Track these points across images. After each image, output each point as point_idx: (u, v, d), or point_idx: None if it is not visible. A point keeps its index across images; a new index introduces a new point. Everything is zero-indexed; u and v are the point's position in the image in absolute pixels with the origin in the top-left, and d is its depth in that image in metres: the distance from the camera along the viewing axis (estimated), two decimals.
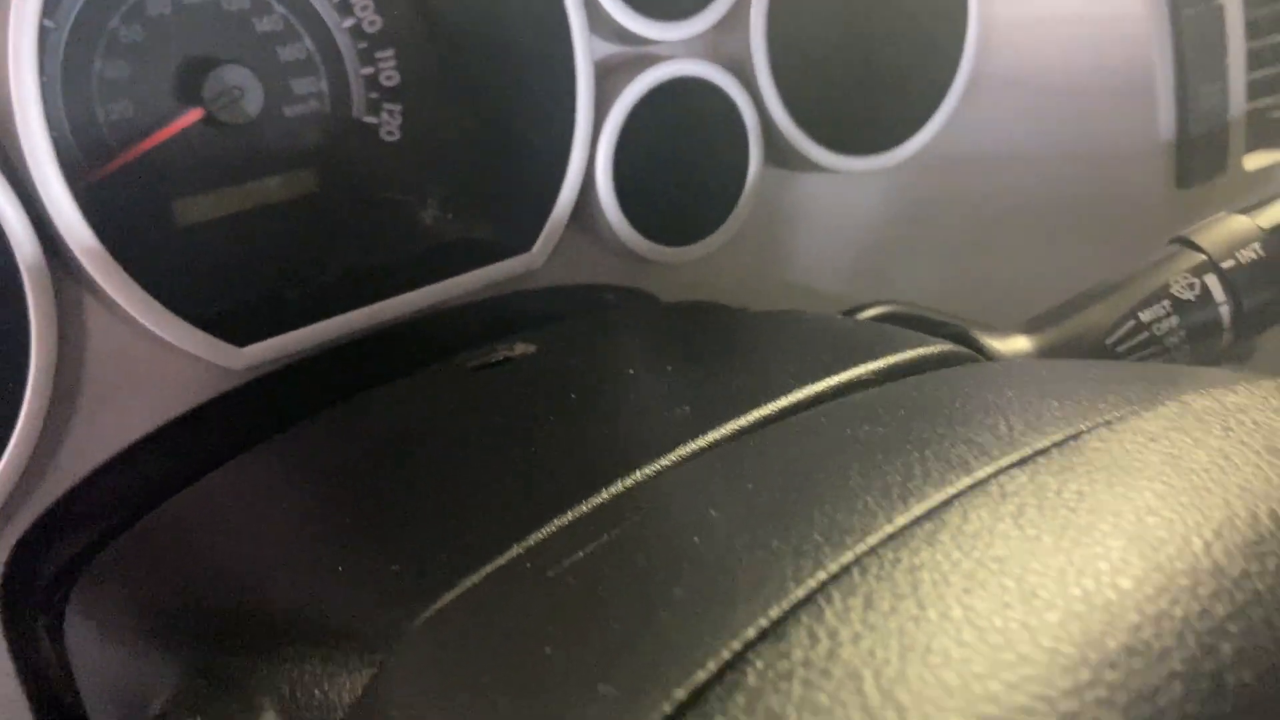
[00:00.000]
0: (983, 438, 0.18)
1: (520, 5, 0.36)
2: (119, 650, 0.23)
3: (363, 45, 0.40)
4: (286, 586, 0.21)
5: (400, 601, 0.19)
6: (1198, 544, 0.14)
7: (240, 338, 0.29)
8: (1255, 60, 0.50)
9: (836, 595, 0.15)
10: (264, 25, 0.38)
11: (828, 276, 0.45)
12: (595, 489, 0.21)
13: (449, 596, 0.19)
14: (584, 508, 0.20)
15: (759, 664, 0.14)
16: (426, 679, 0.17)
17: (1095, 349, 0.30)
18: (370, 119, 0.40)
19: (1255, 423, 0.17)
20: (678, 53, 0.38)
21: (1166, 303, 0.30)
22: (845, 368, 0.24)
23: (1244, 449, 0.16)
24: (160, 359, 0.30)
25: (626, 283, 0.41)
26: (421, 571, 0.20)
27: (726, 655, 0.14)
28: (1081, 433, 0.17)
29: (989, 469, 0.17)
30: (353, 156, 0.39)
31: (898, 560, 0.15)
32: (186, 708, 0.19)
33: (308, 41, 0.39)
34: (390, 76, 0.41)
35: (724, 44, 0.38)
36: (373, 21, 0.40)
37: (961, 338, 0.30)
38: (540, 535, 0.20)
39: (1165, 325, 0.30)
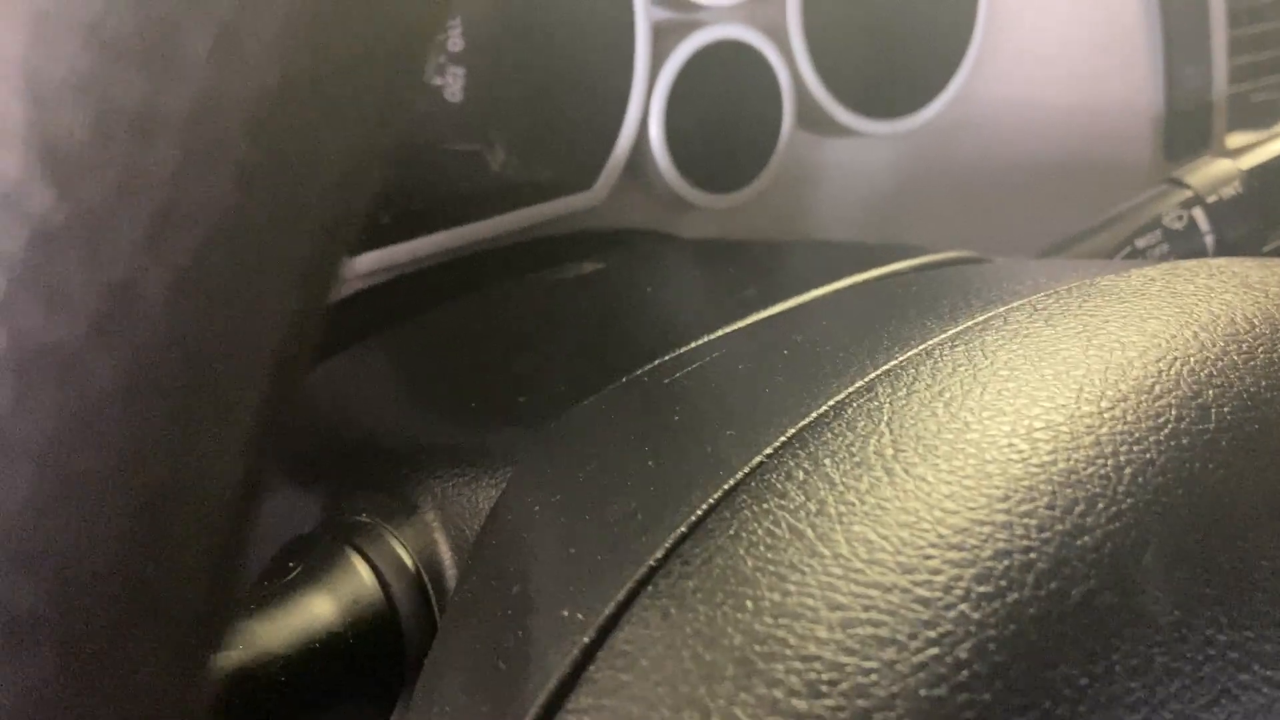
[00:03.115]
0: (1015, 286, 0.22)
1: None
2: (270, 497, 0.27)
3: None
4: (428, 422, 0.25)
5: (526, 422, 0.23)
6: (1188, 333, 0.18)
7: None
8: (1237, 47, 0.55)
9: (910, 367, 0.19)
10: None
11: (847, 233, 0.49)
12: (683, 343, 0.24)
13: (574, 410, 0.23)
14: (676, 351, 0.24)
15: (855, 404, 0.18)
16: (565, 461, 0.21)
17: None
18: (437, 81, 0.44)
19: (1233, 271, 0.21)
20: (723, 18, 0.42)
21: (1159, 232, 0.34)
22: (881, 263, 0.29)
23: (1224, 283, 0.20)
24: None
25: (665, 230, 0.45)
26: (541, 399, 0.24)
27: (827, 406, 0.18)
28: (1095, 279, 0.22)
29: (1022, 301, 0.21)
30: (421, 114, 0.44)
31: (955, 346, 0.19)
32: (349, 509, 0.23)
33: None
34: (455, 42, 0.45)
35: (763, 12, 0.43)
36: None
37: (980, 261, 0.34)
38: (646, 368, 0.24)
39: (1157, 252, 0.34)
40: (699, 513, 0.16)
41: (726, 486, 0.16)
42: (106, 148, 0.09)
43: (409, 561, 0.22)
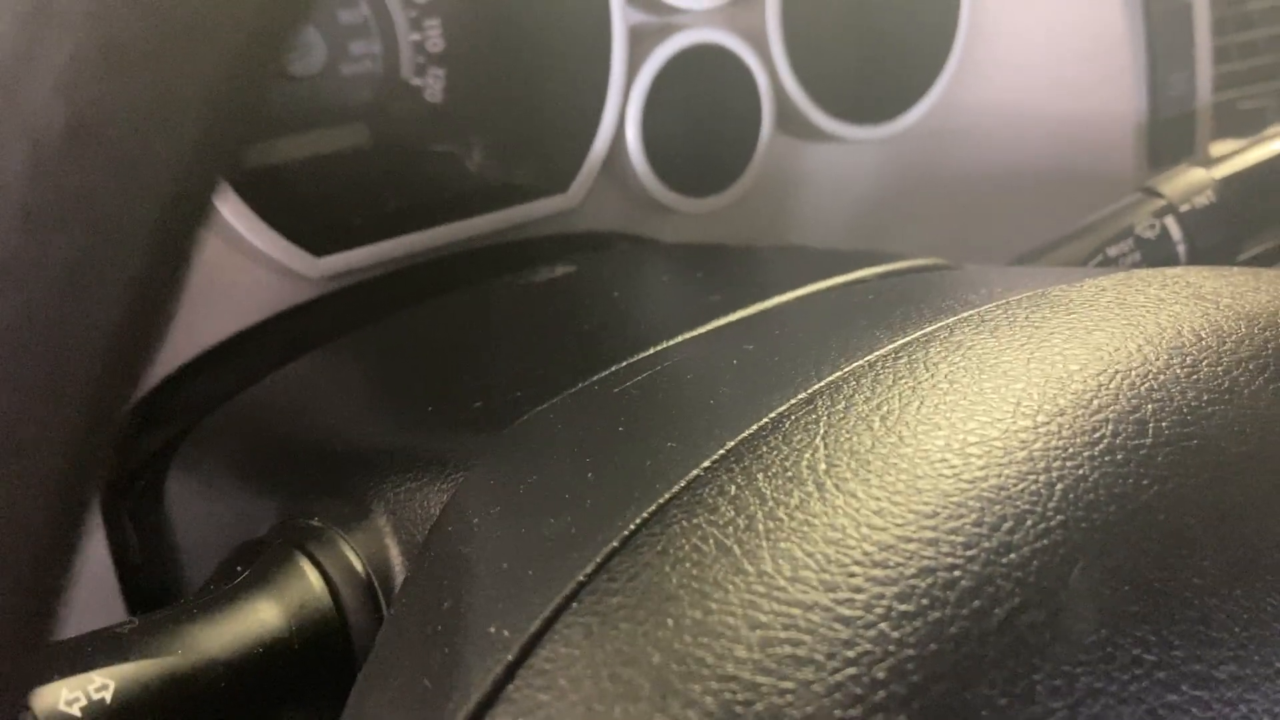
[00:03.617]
0: (969, 296, 0.22)
1: None
2: (224, 502, 0.27)
3: (413, 13, 0.44)
4: (385, 427, 0.25)
5: (480, 428, 0.23)
6: (1131, 345, 0.18)
7: (317, 250, 0.33)
8: (1223, 55, 0.54)
9: (852, 380, 0.19)
10: None
11: (828, 238, 0.49)
12: (643, 348, 0.24)
13: (525, 418, 0.22)
14: (633, 357, 0.24)
15: (793, 417, 0.18)
16: (508, 473, 0.21)
17: None
18: (416, 81, 0.44)
19: (1187, 282, 0.21)
20: (701, 22, 0.42)
21: (1130, 241, 0.34)
22: (848, 270, 0.29)
23: (1175, 295, 0.20)
24: (247, 268, 0.33)
25: (643, 234, 0.45)
26: (498, 404, 0.24)
27: (767, 418, 0.18)
28: (1048, 290, 0.21)
29: (972, 311, 0.21)
30: (400, 114, 0.44)
31: (898, 358, 0.19)
32: (302, 514, 0.23)
33: (364, 7, 0.43)
34: (436, 43, 0.45)
35: (743, 16, 0.43)
36: None
37: (945, 269, 0.34)
38: (600, 376, 0.23)
39: (1129, 261, 0.34)
40: (631, 528, 0.16)
41: (660, 501, 0.16)
42: None
43: (359, 566, 0.22)
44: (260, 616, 0.21)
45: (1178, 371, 0.18)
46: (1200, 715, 0.14)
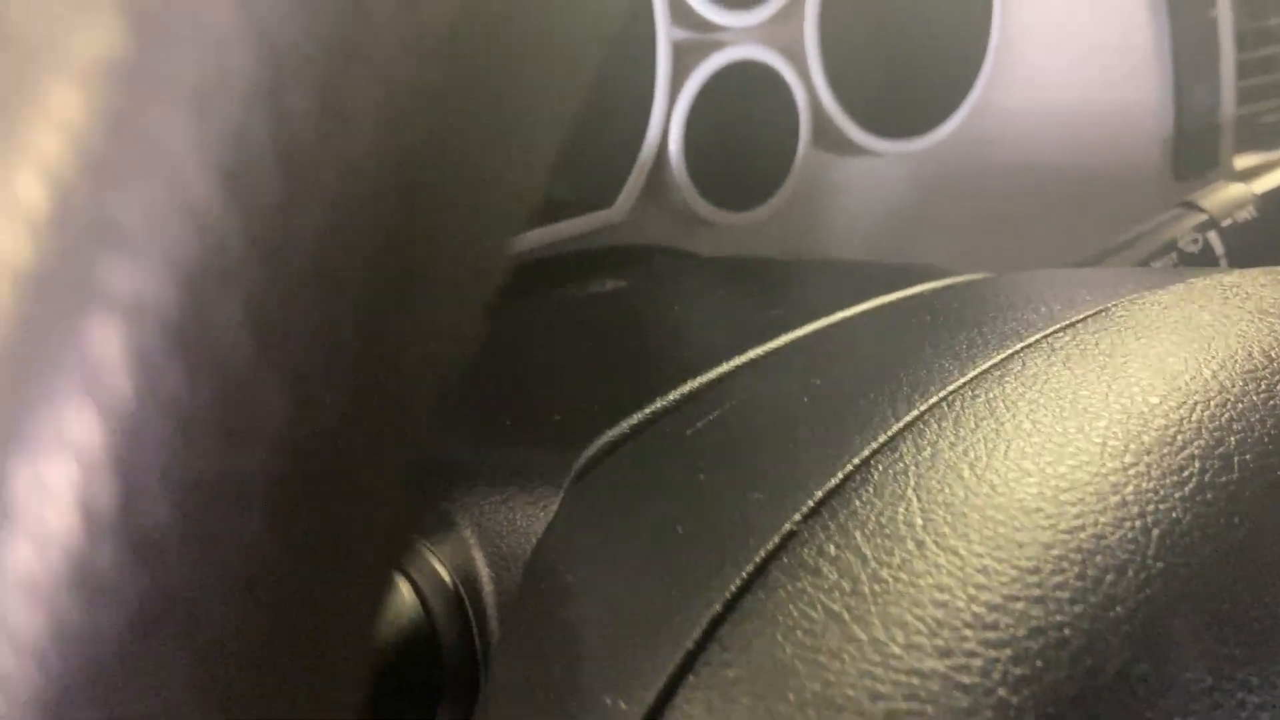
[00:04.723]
0: (1029, 316, 0.23)
1: None
2: None
3: None
4: (464, 439, 0.25)
5: (562, 441, 0.23)
6: (1207, 372, 0.19)
7: None
8: (1246, 69, 0.55)
9: (932, 421, 0.19)
10: None
11: (863, 251, 0.50)
12: (706, 367, 0.25)
13: (605, 440, 0.23)
14: (698, 381, 0.24)
15: (880, 465, 0.18)
16: (595, 522, 0.21)
17: None
18: None
19: (1247, 293, 0.21)
20: (741, 39, 0.42)
21: (1174, 255, 0.35)
22: (906, 286, 0.29)
23: (1239, 310, 0.21)
24: None
25: (682, 247, 0.45)
26: (573, 420, 0.24)
27: (851, 465, 0.18)
28: (1109, 307, 0.22)
29: (1038, 335, 0.21)
30: None
31: (975, 396, 0.19)
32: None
33: None
34: None
35: (782, 32, 0.43)
36: None
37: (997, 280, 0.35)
38: (668, 407, 0.24)
39: None
40: (732, 590, 0.16)
41: (758, 559, 0.16)
42: (192, 526, 0.09)
43: (447, 577, 0.22)
44: None
45: (1254, 399, 0.18)
46: None
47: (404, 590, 0.22)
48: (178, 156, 0.09)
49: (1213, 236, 0.34)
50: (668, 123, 0.41)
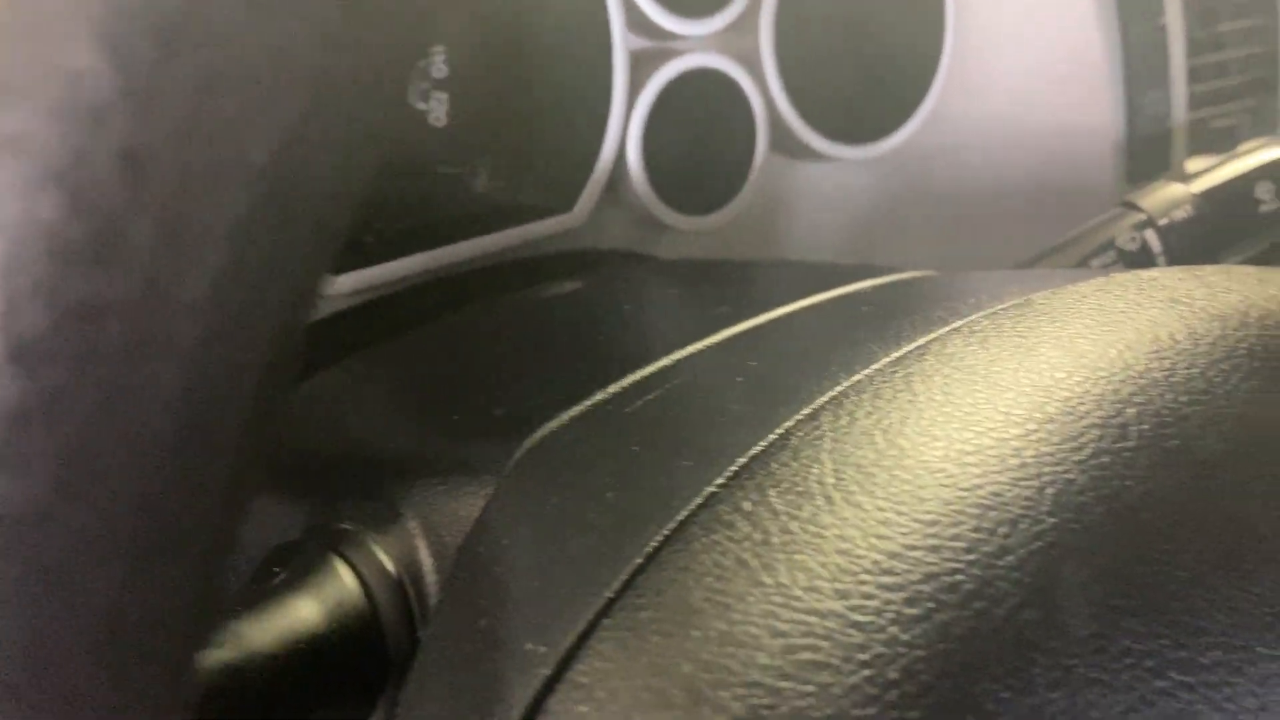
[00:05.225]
0: (958, 306, 0.24)
1: (564, 5, 0.41)
2: (261, 509, 0.28)
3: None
4: (411, 434, 0.26)
5: (501, 434, 0.24)
6: (1113, 352, 0.20)
7: (334, 269, 0.34)
8: (1197, 75, 0.57)
9: (853, 394, 0.20)
10: None
11: (824, 254, 0.51)
12: (651, 360, 0.26)
13: (547, 430, 0.24)
14: (648, 370, 0.25)
15: (800, 433, 0.19)
16: (533, 493, 0.22)
17: None
18: (421, 106, 0.46)
19: (1162, 285, 0.22)
20: (698, 47, 0.43)
21: (1113, 253, 0.36)
22: (844, 283, 0.30)
23: (1151, 299, 0.22)
24: None
25: (642, 251, 0.46)
26: (517, 412, 0.25)
27: (775, 435, 0.19)
28: (1031, 299, 0.23)
29: (961, 322, 0.22)
30: (404, 138, 0.45)
31: (895, 372, 0.20)
32: (335, 518, 0.24)
33: None
34: (440, 69, 0.46)
35: (738, 41, 0.44)
36: None
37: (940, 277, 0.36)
38: (612, 392, 0.25)
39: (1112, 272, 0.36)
40: (653, 545, 0.17)
41: (680, 518, 0.17)
42: (62, 336, 0.11)
43: (391, 567, 0.23)
44: (301, 614, 0.22)
45: (1156, 375, 0.19)
46: (1187, 698, 0.16)
47: (347, 578, 0.23)
48: (60, 22, 0.11)
49: (1150, 235, 0.35)
50: (626, 129, 0.42)
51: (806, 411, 0.19)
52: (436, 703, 0.18)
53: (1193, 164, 0.57)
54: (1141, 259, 0.35)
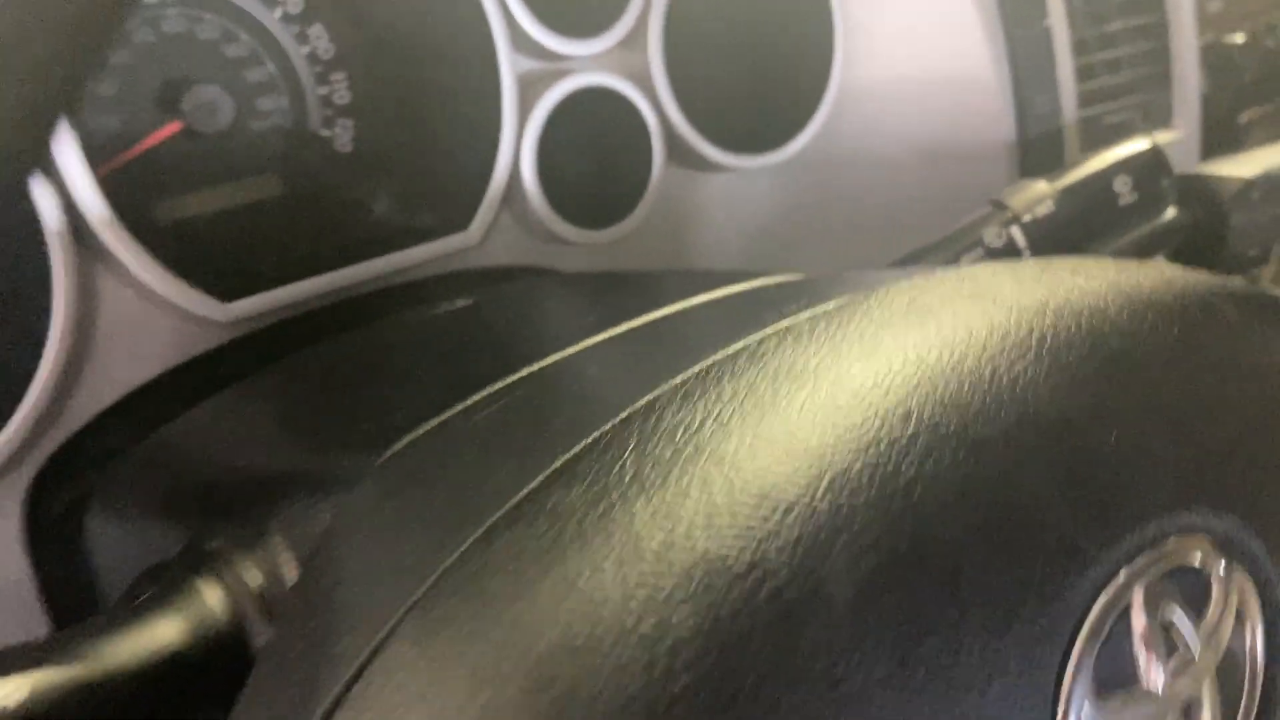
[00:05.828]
0: (786, 308, 0.25)
1: (453, 31, 0.43)
2: (139, 533, 0.29)
3: (319, 69, 0.46)
4: (282, 455, 0.27)
5: (360, 449, 0.25)
6: (909, 346, 0.21)
7: (225, 296, 0.35)
8: (1086, 73, 0.59)
9: (666, 396, 0.21)
10: (233, 51, 0.44)
11: (727, 262, 0.52)
12: (509, 372, 0.27)
13: (403, 442, 0.25)
14: (500, 384, 0.26)
15: (610, 435, 0.20)
16: (373, 503, 0.23)
17: None
18: (325, 132, 0.47)
19: (975, 280, 0.24)
20: (588, 67, 0.45)
21: (981, 250, 0.37)
22: (720, 288, 0.31)
23: (959, 295, 0.23)
24: (159, 317, 0.35)
25: (546, 265, 0.47)
26: (379, 428, 0.26)
27: (590, 439, 0.20)
28: (853, 299, 0.24)
29: (807, 315, 0.24)
30: (311, 164, 0.46)
31: (708, 375, 0.22)
32: (207, 539, 0.25)
33: (270, 65, 0.45)
34: (343, 96, 0.47)
35: (628, 59, 0.46)
36: (327, 49, 0.46)
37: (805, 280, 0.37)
38: (467, 404, 0.26)
39: None
40: (465, 546, 0.18)
41: (492, 520, 0.19)
42: None
43: (255, 583, 0.24)
44: (162, 631, 0.23)
45: (944, 365, 0.20)
46: (948, 659, 0.17)
47: (210, 597, 0.24)
48: None
49: (1015, 231, 0.37)
50: (519, 148, 0.43)
51: (622, 416, 0.21)
52: (263, 705, 0.19)
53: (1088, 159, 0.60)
54: (1006, 254, 0.37)
